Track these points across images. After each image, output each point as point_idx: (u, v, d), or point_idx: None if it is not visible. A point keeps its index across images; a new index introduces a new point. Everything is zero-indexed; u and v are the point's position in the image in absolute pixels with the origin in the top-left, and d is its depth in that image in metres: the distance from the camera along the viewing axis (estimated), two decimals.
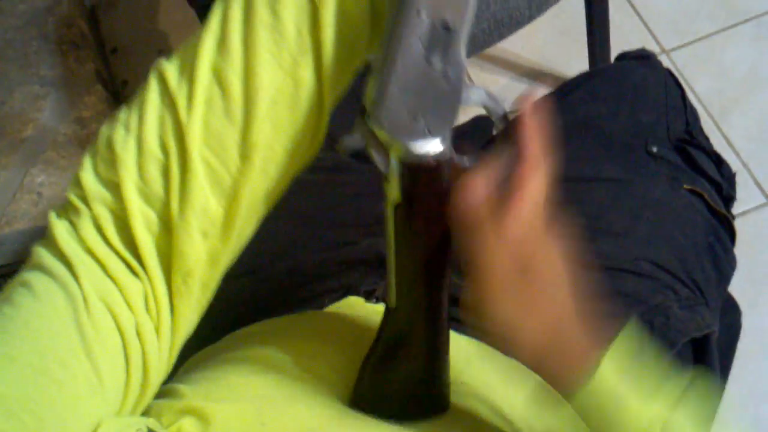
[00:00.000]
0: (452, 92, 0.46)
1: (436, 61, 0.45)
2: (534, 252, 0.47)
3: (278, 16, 0.46)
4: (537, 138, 0.47)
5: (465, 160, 0.49)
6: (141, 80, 0.48)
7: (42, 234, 0.47)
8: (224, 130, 0.46)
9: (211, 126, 0.46)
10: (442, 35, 0.44)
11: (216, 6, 0.48)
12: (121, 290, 0.45)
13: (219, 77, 0.46)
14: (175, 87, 0.46)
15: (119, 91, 1.54)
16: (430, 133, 0.46)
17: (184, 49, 0.48)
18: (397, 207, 0.48)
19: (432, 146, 0.46)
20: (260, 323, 0.64)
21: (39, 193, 1.24)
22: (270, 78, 0.46)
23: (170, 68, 0.47)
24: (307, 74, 0.47)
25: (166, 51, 1.61)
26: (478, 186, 0.46)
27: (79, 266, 0.44)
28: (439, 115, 0.46)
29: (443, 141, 0.46)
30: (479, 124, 1.01)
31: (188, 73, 0.46)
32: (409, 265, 0.50)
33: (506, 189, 0.47)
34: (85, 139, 1.31)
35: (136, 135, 0.46)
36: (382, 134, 0.45)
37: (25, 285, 0.44)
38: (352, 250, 0.76)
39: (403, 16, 0.43)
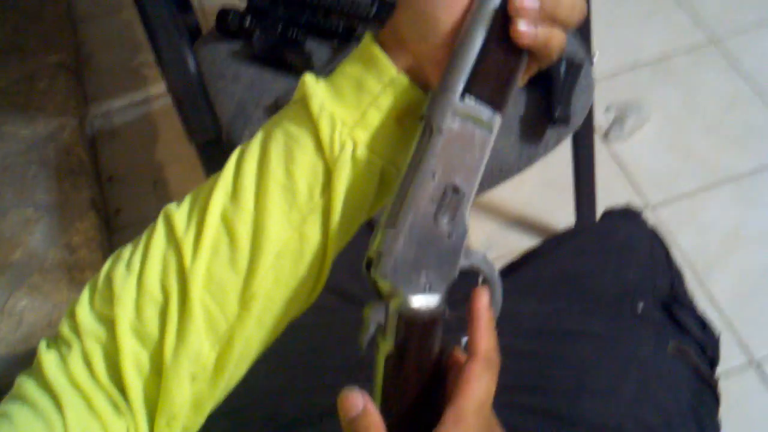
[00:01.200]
0: (454, 252, 0.48)
1: (443, 222, 0.47)
2: None
3: (292, 176, 0.48)
4: (490, 335, 0.48)
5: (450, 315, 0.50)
6: (134, 209, 0.50)
7: (19, 360, 0.47)
8: (227, 278, 0.47)
9: (214, 273, 0.47)
10: (451, 197, 0.47)
11: (232, 157, 0.50)
12: (104, 427, 0.45)
13: (228, 227, 0.48)
14: (182, 232, 0.48)
15: (112, 219, 1.56)
16: (430, 288, 0.47)
17: (194, 196, 0.50)
18: (388, 358, 0.48)
19: (430, 301, 0.47)
20: None
21: (20, 318, 1.22)
22: (278, 233, 0.48)
23: (179, 214, 0.49)
24: (313, 231, 0.49)
25: (160, 182, 1.64)
26: None
27: (64, 400, 0.44)
28: (440, 272, 0.48)
29: (441, 297, 0.48)
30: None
31: (197, 219, 0.48)
32: (396, 415, 0.49)
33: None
34: (73, 265, 1.31)
35: (137, 275, 0.47)
36: (385, 285, 0.47)
37: (6, 416, 0.44)
38: (332, 396, 0.75)
39: (418, 178, 0.46)
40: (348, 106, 0.48)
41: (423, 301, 0.47)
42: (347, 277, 0.79)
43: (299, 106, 0.49)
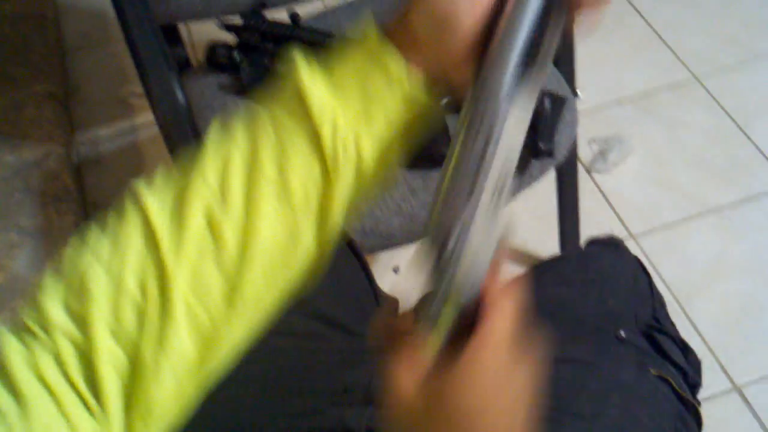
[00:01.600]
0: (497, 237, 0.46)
1: (497, 214, 0.45)
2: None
3: (286, 177, 0.45)
4: (497, 281, 0.46)
5: None
6: None
7: None
8: (213, 280, 0.45)
9: (199, 274, 0.45)
10: (498, 195, 0.45)
11: (208, 146, 0.46)
12: (72, 428, 0.42)
13: (214, 228, 0.45)
14: (161, 230, 0.44)
15: None
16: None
17: (167, 183, 0.46)
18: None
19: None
20: None
21: None
22: (269, 235, 0.45)
23: (153, 205, 0.45)
24: (307, 235, 0.46)
25: None
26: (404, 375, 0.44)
27: (30, 400, 0.41)
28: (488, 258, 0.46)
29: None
30: None
31: (178, 216, 0.45)
32: None
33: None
34: None
35: (115, 275, 0.44)
36: (455, 293, 0.45)
37: None
38: (318, 420, 0.75)
39: (487, 169, 0.44)
40: (351, 107, 0.45)
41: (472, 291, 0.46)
42: (330, 302, 0.80)
43: (292, 97, 0.46)
